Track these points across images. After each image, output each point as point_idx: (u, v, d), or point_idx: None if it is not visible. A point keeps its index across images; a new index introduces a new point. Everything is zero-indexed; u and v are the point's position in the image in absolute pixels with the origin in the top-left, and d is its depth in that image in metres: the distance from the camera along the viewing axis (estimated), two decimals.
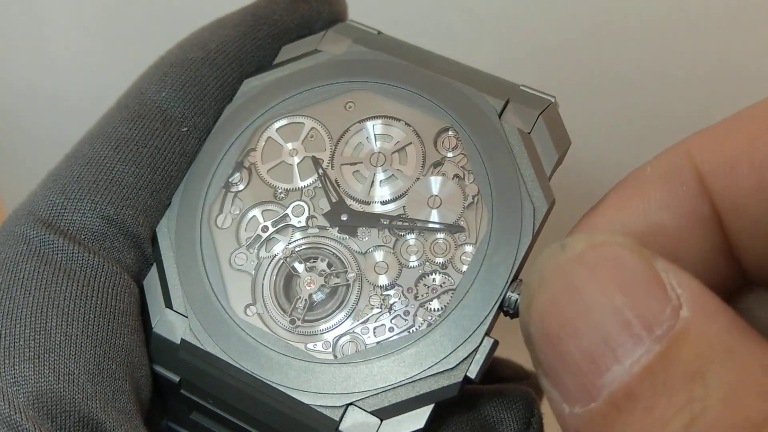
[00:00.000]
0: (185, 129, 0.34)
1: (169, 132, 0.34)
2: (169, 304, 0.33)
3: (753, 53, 0.54)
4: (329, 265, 0.32)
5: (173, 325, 0.32)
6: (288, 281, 0.33)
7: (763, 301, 0.30)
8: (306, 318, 0.32)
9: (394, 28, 0.37)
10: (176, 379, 0.33)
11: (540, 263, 0.25)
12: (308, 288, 0.32)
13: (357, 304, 0.32)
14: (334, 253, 0.32)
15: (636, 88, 0.57)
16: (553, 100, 0.34)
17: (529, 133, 0.32)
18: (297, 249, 0.33)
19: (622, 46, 0.56)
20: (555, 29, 0.56)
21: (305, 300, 0.32)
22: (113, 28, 0.61)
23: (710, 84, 0.56)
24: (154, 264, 0.33)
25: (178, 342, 0.32)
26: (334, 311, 0.32)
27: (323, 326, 0.32)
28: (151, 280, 0.33)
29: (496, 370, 0.37)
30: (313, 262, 0.33)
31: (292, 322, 0.32)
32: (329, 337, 0.31)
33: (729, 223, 0.28)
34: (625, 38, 0.55)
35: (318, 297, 0.32)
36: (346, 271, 0.32)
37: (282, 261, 0.33)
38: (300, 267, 0.33)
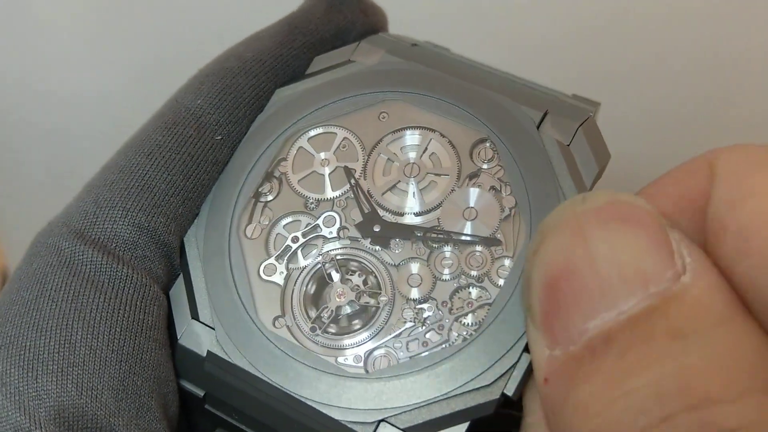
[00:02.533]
0: (219, 137, 0.33)
1: (203, 139, 0.33)
2: (195, 316, 0.32)
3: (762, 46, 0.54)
4: (365, 282, 0.31)
5: (199, 336, 0.31)
6: (319, 289, 0.32)
7: None
8: (331, 329, 0.31)
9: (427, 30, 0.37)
10: (201, 393, 0.32)
11: (557, 210, 0.25)
12: (338, 300, 0.31)
13: (390, 318, 0.31)
14: (372, 271, 0.31)
15: (649, 81, 0.56)
16: (592, 113, 0.33)
17: (568, 145, 0.32)
18: (337, 256, 0.32)
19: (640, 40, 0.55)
20: (567, 23, 0.56)
21: (332, 311, 0.31)
22: (113, 26, 0.61)
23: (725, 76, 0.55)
24: (181, 274, 0.33)
25: (204, 354, 0.31)
26: (365, 325, 0.31)
27: (354, 340, 0.31)
28: (178, 290, 0.32)
29: None
30: (350, 274, 0.32)
31: (313, 329, 0.31)
32: (361, 351, 0.30)
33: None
34: (642, 32, 0.55)
35: (345, 311, 0.31)
36: (380, 293, 0.31)
37: (319, 266, 0.32)
38: (336, 276, 0.32)
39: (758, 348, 0.22)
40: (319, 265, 0.32)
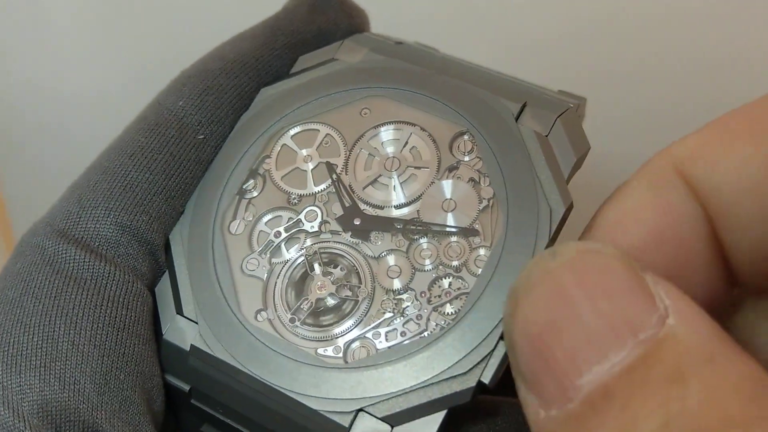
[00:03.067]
0: (201, 137, 0.34)
1: (185, 139, 0.34)
2: (180, 311, 0.32)
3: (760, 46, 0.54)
4: (346, 277, 0.32)
5: (183, 331, 0.32)
6: (301, 282, 0.32)
7: (757, 309, 0.30)
8: (311, 321, 0.31)
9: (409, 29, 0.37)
10: (186, 388, 0.32)
11: (528, 269, 0.25)
12: (318, 292, 0.31)
13: (369, 309, 0.31)
14: (354, 266, 0.32)
15: (645, 81, 0.56)
16: (572, 104, 0.33)
17: (547, 136, 0.32)
18: (320, 250, 0.32)
19: (632, 39, 0.55)
20: (563, 22, 0.56)
21: (311, 303, 0.31)
22: (116, 24, 0.61)
23: (718, 76, 0.55)
24: (167, 271, 0.33)
25: (188, 348, 0.31)
26: (344, 317, 0.31)
27: (334, 331, 0.31)
28: (163, 287, 0.33)
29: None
30: (333, 267, 0.32)
31: (292, 320, 0.31)
32: (340, 341, 0.31)
33: (719, 226, 0.27)
34: (635, 31, 0.55)
35: (324, 303, 0.31)
36: (359, 287, 0.31)
37: (302, 259, 0.32)
38: (318, 268, 0.32)
39: (749, 373, 0.22)
40: (302, 259, 0.32)
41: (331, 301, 0.31)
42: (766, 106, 0.27)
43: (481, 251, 0.31)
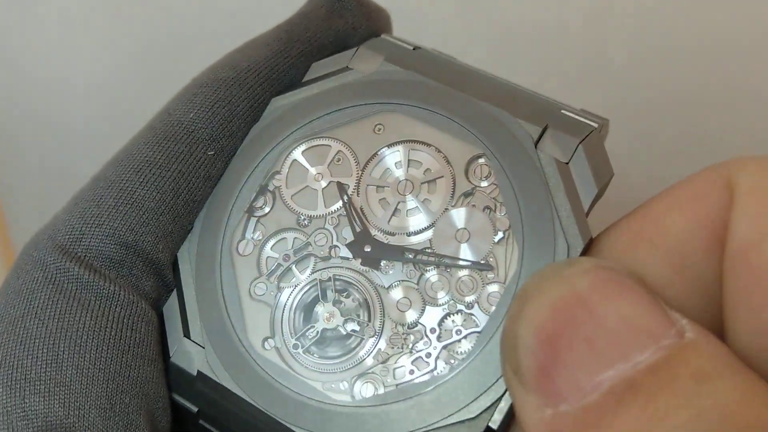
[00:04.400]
0: (212, 152, 0.33)
1: (195, 155, 0.32)
2: (187, 334, 0.32)
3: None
4: (356, 309, 0.31)
5: (190, 355, 0.31)
6: (309, 309, 0.31)
7: None
8: (316, 350, 0.31)
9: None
10: (195, 409, 0.32)
11: (541, 273, 0.25)
12: (325, 322, 0.31)
13: (377, 343, 0.30)
14: (366, 300, 0.31)
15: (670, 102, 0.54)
16: (595, 126, 0.31)
17: (567, 163, 0.30)
18: (335, 277, 0.31)
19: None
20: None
21: (318, 332, 0.31)
22: (118, 25, 0.60)
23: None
24: (175, 290, 0.33)
25: (195, 374, 0.31)
26: (350, 351, 0.30)
27: (342, 365, 0.30)
28: (171, 307, 0.32)
29: None
30: (345, 297, 0.31)
31: (295, 347, 0.31)
32: (347, 376, 0.30)
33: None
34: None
35: (329, 334, 0.31)
36: (367, 324, 0.30)
37: (314, 284, 0.31)
38: (330, 296, 0.31)
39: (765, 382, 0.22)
40: (311, 284, 0.31)
41: (337, 333, 0.31)
42: (664, 205, 0.27)
43: (495, 287, 0.30)
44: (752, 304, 0.24)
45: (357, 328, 0.30)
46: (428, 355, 0.29)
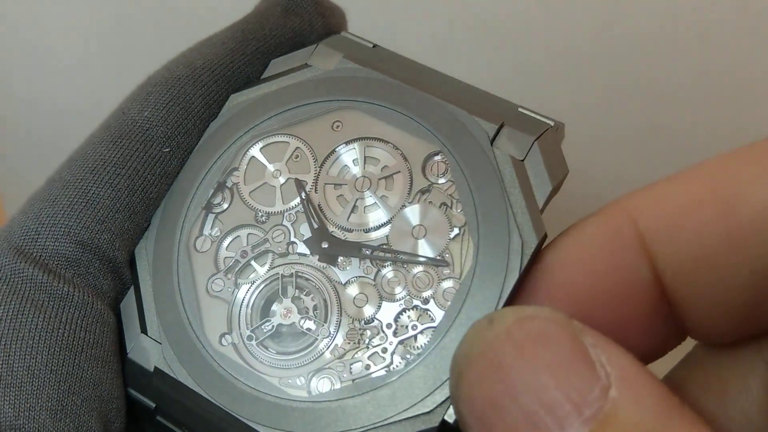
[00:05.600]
0: (167, 149, 0.33)
1: (150, 153, 0.32)
2: (144, 330, 0.31)
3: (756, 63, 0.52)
4: (315, 308, 0.31)
5: (147, 351, 0.31)
6: (267, 303, 0.31)
7: (706, 365, 0.29)
8: (272, 345, 0.31)
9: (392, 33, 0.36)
10: (152, 405, 0.32)
11: (467, 339, 0.24)
12: (282, 318, 0.31)
13: (334, 338, 0.30)
14: (325, 300, 0.31)
15: (633, 98, 0.55)
16: (551, 124, 0.32)
17: (523, 160, 0.31)
18: (297, 273, 0.31)
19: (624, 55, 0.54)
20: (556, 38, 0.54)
21: (273, 326, 0.31)
22: (115, 28, 0.60)
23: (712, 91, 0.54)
24: (132, 287, 0.32)
25: (152, 369, 0.31)
26: (306, 348, 0.30)
27: (298, 360, 0.30)
28: (128, 303, 0.32)
29: None
30: (304, 294, 0.31)
31: (250, 338, 0.31)
32: (304, 371, 0.30)
33: (670, 285, 0.26)
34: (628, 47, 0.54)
35: (284, 330, 0.31)
36: (323, 325, 0.31)
37: (270, 280, 0.31)
38: (290, 291, 0.31)
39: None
40: (274, 279, 0.32)
41: (293, 329, 0.31)
42: (728, 166, 0.26)
43: (450, 283, 0.30)
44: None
45: (313, 327, 0.31)
46: (384, 350, 0.30)
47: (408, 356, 0.29)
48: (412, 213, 0.31)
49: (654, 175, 0.28)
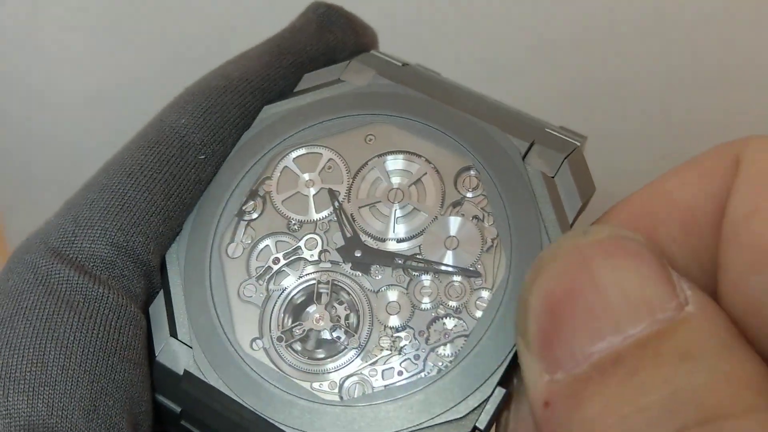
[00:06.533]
0: (203, 156, 0.33)
1: (186, 159, 0.33)
2: (174, 333, 0.32)
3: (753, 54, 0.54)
4: (346, 318, 0.31)
5: (177, 355, 0.31)
6: (298, 312, 0.32)
7: None
8: (301, 350, 0.31)
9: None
10: (178, 410, 0.32)
11: (557, 242, 0.26)
12: (314, 323, 0.31)
13: (367, 345, 0.31)
14: (358, 311, 0.31)
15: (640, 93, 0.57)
16: (578, 144, 0.33)
17: (553, 177, 0.31)
18: (336, 281, 0.32)
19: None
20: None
21: (305, 330, 0.31)
22: (113, 26, 0.60)
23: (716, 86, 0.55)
24: (161, 291, 0.33)
25: (181, 373, 0.31)
26: (336, 354, 0.31)
27: (331, 365, 0.31)
28: (158, 307, 0.32)
29: None
30: (338, 303, 0.32)
31: (279, 339, 0.31)
32: (336, 377, 0.30)
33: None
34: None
35: (314, 335, 0.31)
36: (354, 335, 0.31)
37: (315, 283, 0.32)
38: (324, 299, 0.32)
39: (760, 371, 0.23)
40: (309, 285, 0.32)
41: (323, 336, 0.31)
42: (674, 180, 0.28)
43: (483, 293, 0.31)
44: (738, 269, 0.25)
45: (343, 336, 0.31)
46: (417, 357, 0.30)
47: (440, 363, 0.30)
48: (445, 224, 0.32)
49: (653, 173, 0.29)
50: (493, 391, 0.29)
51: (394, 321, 0.31)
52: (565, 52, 0.57)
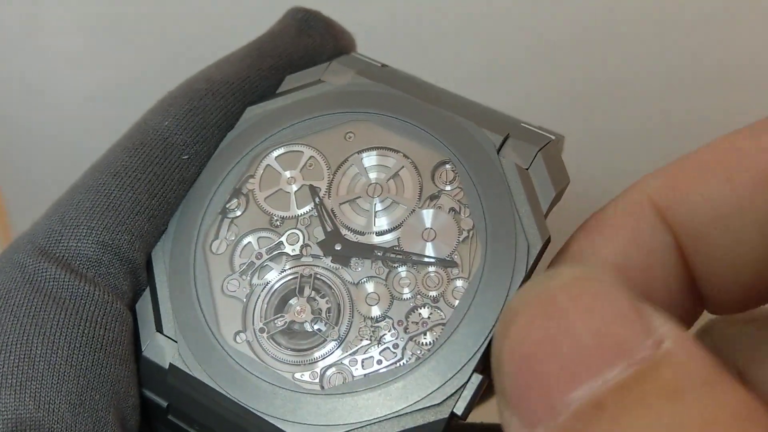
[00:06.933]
0: (186, 157, 0.34)
1: (170, 159, 0.34)
2: (159, 329, 0.32)
3: (751, 54, 0.55)
4: (327, 312, 0.32)
5: (163, 349, 0.32)
6: (281, 302, 0.33)
7: (725, 334, 0.31)
8: (284, 342, 0.32)
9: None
10: (164, 404, 0.32)
11: (524, 289, 0.25)
12: (296, 315, 0.32)
13: (347, 335, 0.31)
14: (339, 303, 0.32)
15: (633, 94, 0.57)
16: (553, 138, 0.33)
17: (527, 169, 0.32)
18: (318, 275, 0.33)
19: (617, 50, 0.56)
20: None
21: (286, 322, 0.32)
22: (113, 27, 0.61)
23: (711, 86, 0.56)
24: (147, 288, 0.33)
25: (167, 367, 0.32)
26: (317, 345, 0.31)
27: (312, 356, 0.31)
28: (144, 304, 0.33)
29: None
30: (321, 297, 0.32)
31: (261, 330, 0.32)
32: (317, 367, 0.31)
33: (689, 255, 0.28)
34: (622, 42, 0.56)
35: (296, 327, 0.32)
36: (334, 328, 0.32)
37: (298, 276, 0.33)
38: (306, 292, 0.32)
39: (749, 401, 0.22)
40: (292, 278, 0.33)
41: (305, 328, 0.32)
42: (735, 141, 0.28)
43: (459, 283, 0.31)
44: None
45: (324, 328, 0.32)
46: (395, 345, 0.31)
47: (418, 351, 0.31)
48: (423, 217, 0.33)
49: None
50: (470, 378, 0.29)
51: (373, 311, 0.32)
52: (565, 53, 0.58)
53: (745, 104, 0.57)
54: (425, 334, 0.31)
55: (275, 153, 0.35)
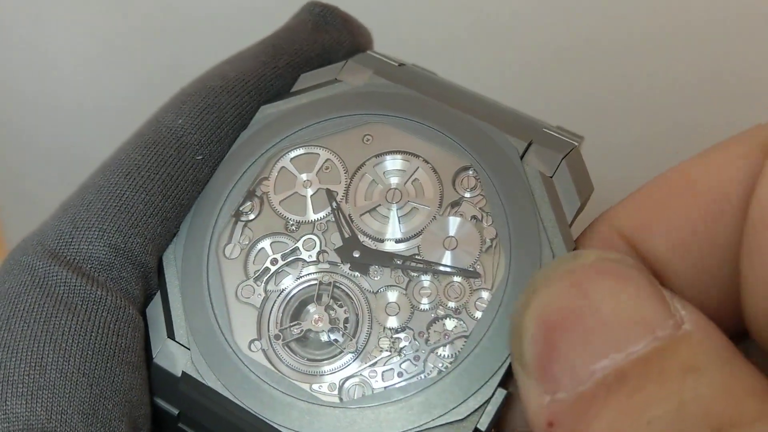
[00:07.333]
0: (200, 157, 0.33)
1: (183, 159, 0.33)
2: (171, 335, 0.31)
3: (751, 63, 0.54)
4: (345, 321, 0.31)
5: (174, 356, 0.31)
6: (298, 309, 0.32)
7: None
8: (299, 350, 0.31)
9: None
10: (175, 412, 0.31)
11: (548, 266, 0.26)
12: (313, 324, 0.31)
13: (366, 346, 0.31)
14: (357, 314, 0.31)
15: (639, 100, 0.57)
16: (576, 144, 0.33)
17: (551, 177, 0.31)
18: (335, 283, 0.32)
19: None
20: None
21: (302, 330, 0.31)
22: (114, 29, 0.60)
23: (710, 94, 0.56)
24: (158, 292, 0.32)
25: (179, 374, 0.31)
26: (334, 356, 0.31)
27: (329, 367, 0.30)
28: (155, 308, 0.32)
29: None
30: (339, 306, 0.32)
31: (277, 337, 0.31)
32: (335, 378, 0.30)
33: (663, 281, 0.29)
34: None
35: (311, 336, 0.31)
36: (351, 339, 0.31)
37: (317, 283, 0.32)
38: (325, 300, 0.32)
39: (761, 381, 0.23)
40: (310, 285, 0.32)
41: (321, 338, 0.31)
42: (686, 170, 0.29)
43: (482, 294, 0.30)
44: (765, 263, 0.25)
45: (340, 339, 0.31)
46: (416, 357, 0.30)
47: (440, 364, 0.30)
48: (444, 225, 0.32)
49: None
50: (494, 393, 0.29)
51: (393, 322, 0.31)
52: (572, 60, 0.57)
53: (750, 111, 0.57)
54: (447, 347, 0.30)
55: (291, 155, 0.34)
